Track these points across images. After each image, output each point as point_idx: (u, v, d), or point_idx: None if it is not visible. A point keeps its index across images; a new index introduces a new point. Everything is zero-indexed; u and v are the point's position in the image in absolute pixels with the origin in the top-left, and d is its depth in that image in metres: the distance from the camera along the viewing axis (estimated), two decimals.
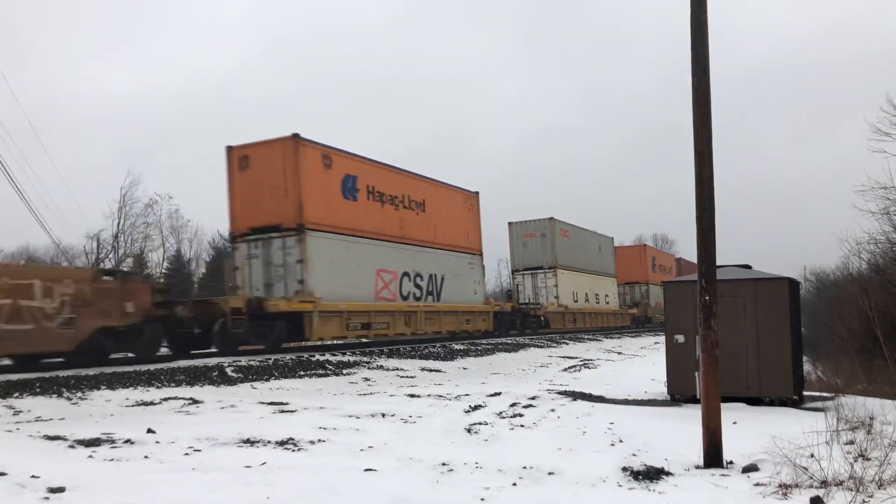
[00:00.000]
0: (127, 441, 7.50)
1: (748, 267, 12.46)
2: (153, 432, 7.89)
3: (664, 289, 12.49)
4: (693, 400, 10.98)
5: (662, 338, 12.59)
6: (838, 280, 34.55)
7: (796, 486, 5.74)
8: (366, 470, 6.49)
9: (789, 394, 11.12)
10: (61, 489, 5.40)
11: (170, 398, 11.19)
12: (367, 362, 17.18)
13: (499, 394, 12.14)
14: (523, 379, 16.48)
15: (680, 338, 11.50)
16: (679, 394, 11.66)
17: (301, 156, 18.35)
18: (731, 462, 6.78)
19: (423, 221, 24.02)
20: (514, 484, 6.08)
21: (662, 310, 13.13)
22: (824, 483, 5.76)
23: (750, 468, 6.52)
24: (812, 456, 6.45)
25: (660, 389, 13.05)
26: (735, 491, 5.83)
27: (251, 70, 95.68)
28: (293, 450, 7.43)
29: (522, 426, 9.14)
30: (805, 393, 12.46)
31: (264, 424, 8.76)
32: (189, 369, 13.55)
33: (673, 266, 57.71)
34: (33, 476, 5.73)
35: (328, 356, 17.12)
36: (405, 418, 9.55)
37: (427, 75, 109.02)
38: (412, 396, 11.95)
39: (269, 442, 7.71)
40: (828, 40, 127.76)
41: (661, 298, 13.82)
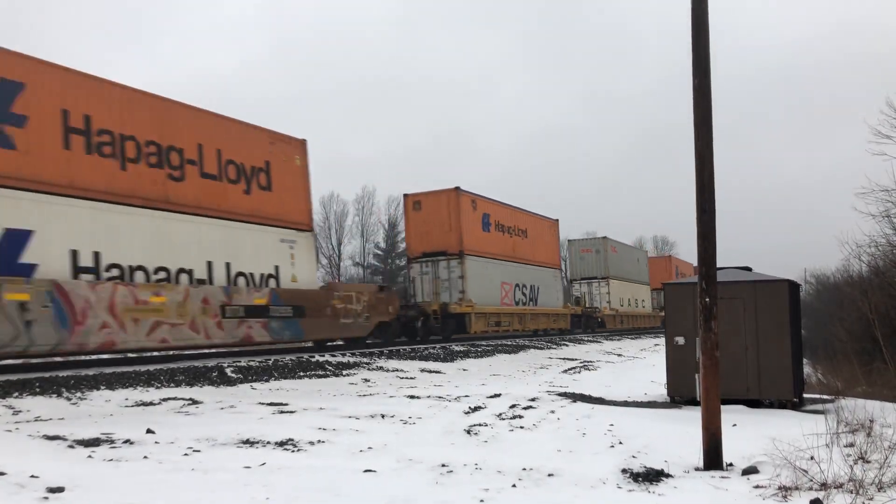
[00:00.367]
0: (126, 441, 7.50)
1: (748, 269, 12.47)
2: (153, 432, 7.89)
3: (664, 291, 12.47)
4: (693, 402, 10.98)
5: (662, 340, 12.62)
6: (839, 282, 34.59)
7: (796, 489, 5.74)
8: (365, 471, 6.49)
9: (789, 396, 11.12)
10: (60, 489, 5.39)
11: (169, 398, 11.20)
12: (367, 363, 17.19)
13: (498, 395, 12.14)
14: (523, 380, 16.47)
15: (680, 340, 11.50)
16: (679, 396, 11.66)
17: (460, 202, 26.43)
18: (731, 464, 6.78)
19: (526, 245, 32.34)
20: (514, 485, 6.07)
21: None
22: (824, 485, 5.75)
23: (750, 470, 6.51)
24: (812, 458, 6.45)
25: (660, 391, 13.05)
26: (735, 493, 5.83)
27: (254, 70, 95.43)
28: (293, 450, 7.42)
29: (522, 428, 9.13)
30: (805, 395, 12.47)
31: (264, 425, 8.75)
32: (188, 370, 13.56)
33: (690, 272, 62.46)
34: (32, 476, 5.73)
35: (328, 357, 17.13)
36: (405, 419, 9.54)
37: (428, 75, 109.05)
38: (412, 397, 11.95)
39: (269, 443, 7.70)
40: (829, 42, 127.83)
41: None
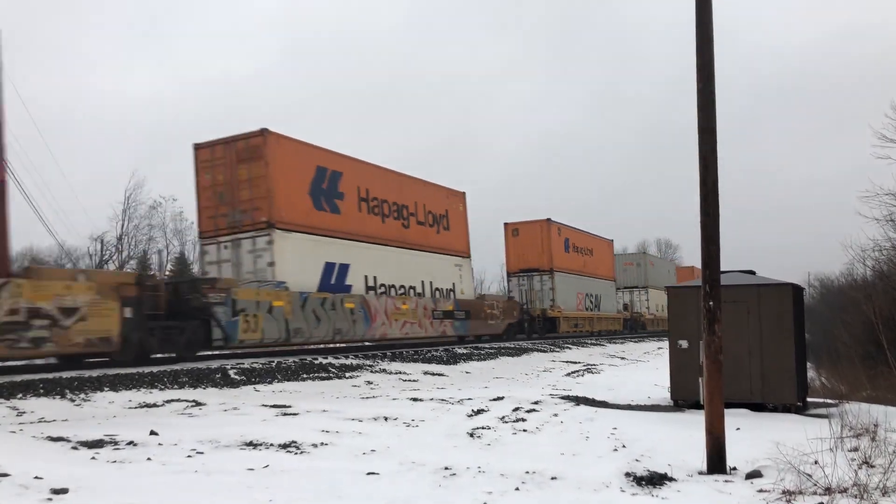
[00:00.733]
0: (130, 443, 7.51)
1: (752, 272, 12.43)
2: (156, 434, 7.90)
3: (668, 294, 12.44)
4: (696, 405, 10.96)
5: (666, 343, 12.57)
6: (842, 286, 34.48)
7: (800, 493, 5.72)
8: (368, 473, 6.49)
9: (793, 400, 11.08)
10: (64, 490, 5.41)
11: (173, 400, 11.21)
12: (370, 366, 17.18)
13: (501, 398, 12.12)
14: (526, 383, 16.45)
15: (683, 343, 11.48)
16: (682, 399, 11.63)
17: (550, 230, 35.71)
18: (735, 468, 6.76)
19: (592, 261, 41.34)
20: (517, 488, 6.07)
21: None
22: (828, 490, 5.73)
23: (753, 474, 6.49)
24: (816, 463, 6.43)
25: (663, 395, 13.02)
26: (738, 497, 5.81)
27: (268, 74, 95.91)
28: (295, 453, 7.43)
29: (525, 431, 9.12)
30: (809, 399, 12.43)
31: (267, 427, 8.75)
32: (192, 371, 13.57)
33: None
34: (36, 477, 5.75)
35: (331, 359, 17.13)
36: (408, 422, 9.54)
37: (438, 79, 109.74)
38: (415, 400, 11.94)
39: (272, 445, 7.71)
40: (837, 48, 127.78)
41: None
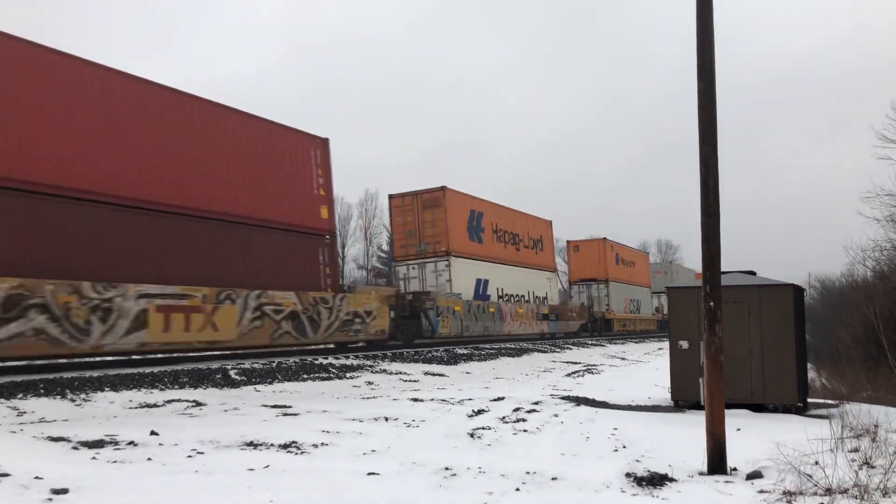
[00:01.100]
0: (130, 443, 7.51)
1: (753, 273, 12.44)
2: (156, 434, 7.90)
3: (668, 295, 12.44)
4: (697, 406, 10.96)
5: (666, 343, 12.56)
6: (843, 287, 34.49)
7: (801, 494, 5.72)
8: (369, 474, 6.49)
9: (793, 401, 11.08)
10: (64, 490, 5.41)
11: (173, 400, 11.21)
12: (371, 366, 17.19)
13: (502, 398, 12.13)
14: (526, 384, 16.45)
15: (684, 344, 11.48)
16: (683, 400, 11.63)
17: (605, 247, 44.13)
18: (735, 469, 6.76)
19: (634, 272, 49.71)
20: (518, 489, 6.07)
21: None
22: (829, 491, 5.73)
23: (754, 475, 6.49)
24: (816, 463, 6.43)
25: (663, 395, 13.02)
26: (739, 498, 5.81)
27: (272, 75, 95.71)
28: (296, 453, 7.43)
29: (526, 431, 9.12)
30: (809, 400, 12.42)
31: (267, 427, 8.75)
32: (192, 372, 13.57)
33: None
34: (37, 477, 5.75)
35: (331, 359, 17.14)
36: (408, 422, 9.54)
37: (443, 81, 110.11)
38: (415, 400, 11.94)
39: (272, 445, 7.71)
40: (837, 49, 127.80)
41: None
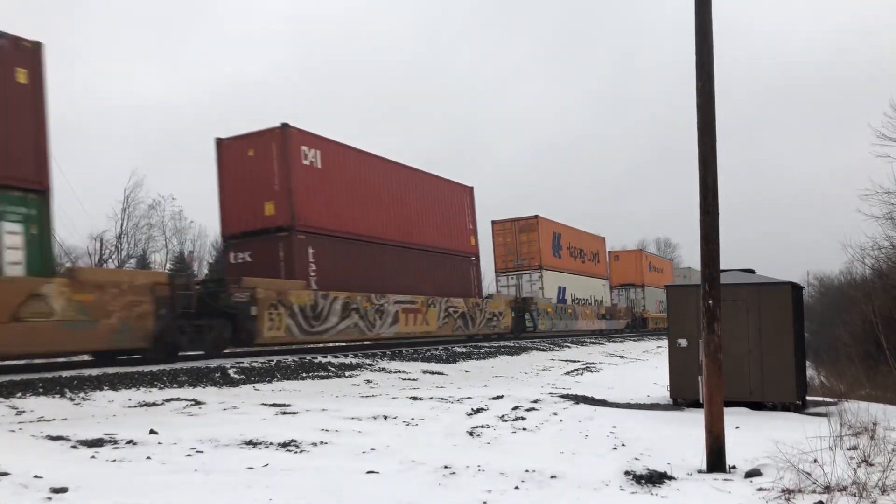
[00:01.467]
0: (129, 442, 7.51)
1: (752, 271, 12.44)
2: (155, 433, 7.90)
3: (667, 293, 12.45)
4: (696, 404, 10.97)
5: (664, 342, 12.56)
6: (842, 285, 34.53)
7: (799, 492, 5.73)
8: (368, 472, 6.49)
9: (792, 399, 11.09)
10: (64, 489, 5.41)
11: (172, 399, 11.21)
12: (370, 364, 17.19)
13: (501, 397, 12.13)
14: (525, 382, 16.46)
15: (683, 342, 11.49)
16: (682, 398, 11.64)
17: (642, 257, 55.72)
18: (734, 467, 6.77)
19: (662, 277, 56.51)
20: (517, 487, 6.07)
21: None
22: (827, 488, 5.74)
23: (753, 473, 6.50)
24: (815, 461, 6.44)
25: (662, 393, 13.03)
26: (738, 495, 5.82)
27: (278, 77, 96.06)
28: (295, 452, 7.43)
29: (525, 429, 9.13)
30: (808, 398, 12.44)
31: (266, 426, 8.75)
32: (192, 370, 13.56)
33: None
34: (36, 476, 5.75)
35: (330, 358, 17.13)
36: (407, 421, 9.54)
37: (447, 83, 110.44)
38: (414, 399, 11.94)
39: (272, 444, 7.71)
40: (837, 48, 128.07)
41: None
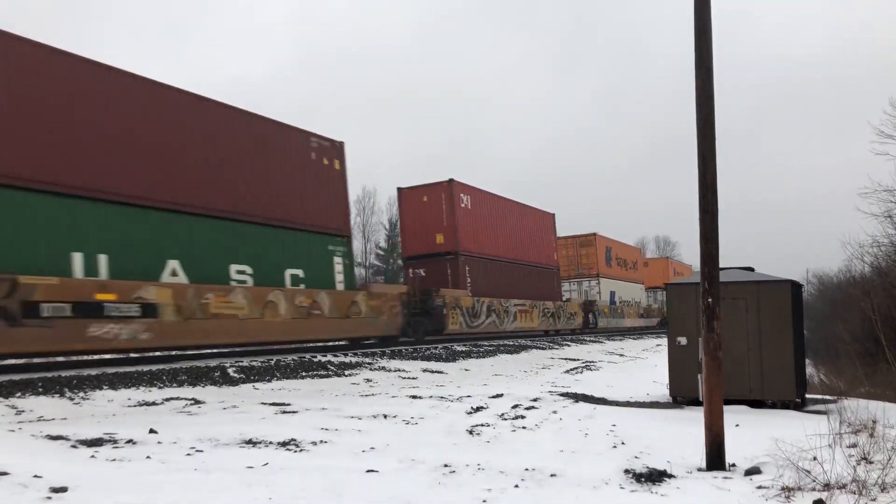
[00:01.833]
0: (129, 441, 7.51)
1: (751, 269, 12.45)
2: (155, 432, 7.90)
3: (667, 291, 12.46)
4: (695, 402, 10.98)
5: (664, 340, 12.56)
6: (841, 283, 34.57)
7: (799, 489, 5.74)
8: (368, 471, 6.49)
9: (792, 397, 11.10)
10: (63, 489, 5.40)
11: (172, 398, 11.21)
12: (369, 363, 17.19)
13: (500, 395, 12.14)
14: (525, 380, 16.47)
15: (682, 340, 11.50)
16: (681, 396, 11.65)
17: (668, 263, 59.12)
18: (734, 464, 6.77)
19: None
20: (517, 486, 6.07)
21: None
22: (827, 486, 5.75)
23: (752, 471, 6.50)
24: (815, 459, 6.44)
25: (662, 392, 13.04)
26: (737, 493, 5.82)
27: (282, 77, 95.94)
28: (295, 450, 7.43)
29: (524, 428, 9.13)
30: (807, 396, 12.46)
31: (266, 425, 8.76)
32: (191, 370, 13.57)
33: None
34: (36, 476, 5.74)
35: (330, 357, 17.14)
36: (407, 419, 9.54)
37: (448, 81, 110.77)
38: (414, 398, 11.94)
39: (271, 443, 7.71)
40: (838, 47, 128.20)
41: None
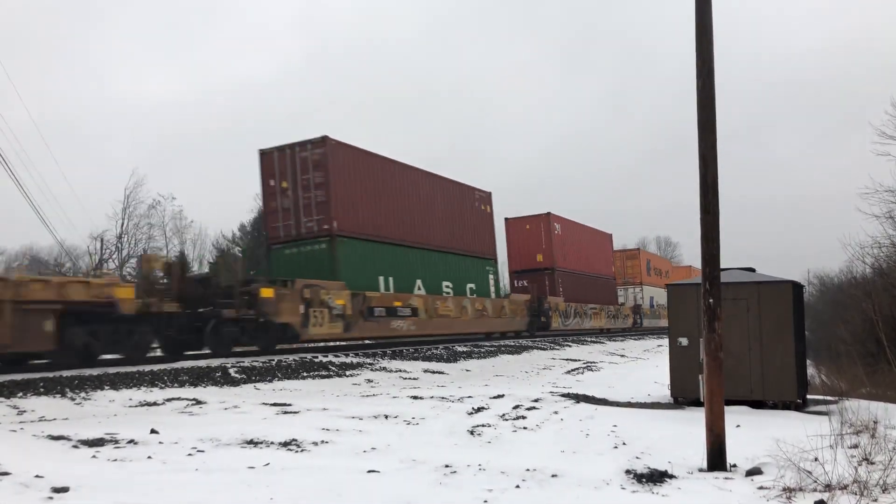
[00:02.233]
0: (130, 441, 7.52)
1: (752, 270, 12.44)
2: (156, 433, 7.91)
3: (667, 292, 12.44)
4: (696, 403, 10.97)
5: (665, 341, 12.56)
6: (842, 284, 34.53)
7: (800, 490, 5.73)
8: (369, 471, 6.50)
9: (793, 397, 11.09)
10: (65, 489, 5.41)
11: (173, 399, 11.22)
12: (371, 364, 17.19)
13: (501, 396, 12.14)
14: (526, 381, 16.46)
15: (683, 341, 11.49)
16: (682, 397, 11.64)
17: (690, 270, 58.90)
18: (735, 465, 6.77)
19: None
20: (518, 486, 6.07)
21: None
22: (828, 487, 5.74)
23: (754, 471, 6.50)
24: (816, 459, 6.43)
25: (663, 392, 13.03)
26: (739, 494, 5.82)
27: (290, 78, 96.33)
28: (296, 451, 7.43)
29: (525, 428, 9.13)
30: (809, 396, 12.43)
31: (267, 425, 8.76)
32: (192, 370, 13.58)
33: None
34: (37, 476, 5.75)
35: (331, 357, 17.14)
36: (408, 420, 9.55)
37: (454, 83, 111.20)
38: (415, 398, 11.95)
39: (273, 443, 7.71)
40: (839, 48, 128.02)
41: None
